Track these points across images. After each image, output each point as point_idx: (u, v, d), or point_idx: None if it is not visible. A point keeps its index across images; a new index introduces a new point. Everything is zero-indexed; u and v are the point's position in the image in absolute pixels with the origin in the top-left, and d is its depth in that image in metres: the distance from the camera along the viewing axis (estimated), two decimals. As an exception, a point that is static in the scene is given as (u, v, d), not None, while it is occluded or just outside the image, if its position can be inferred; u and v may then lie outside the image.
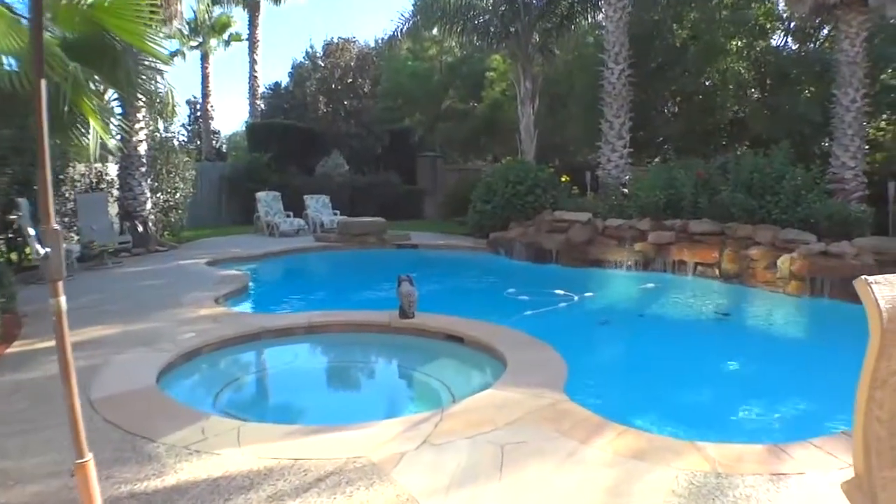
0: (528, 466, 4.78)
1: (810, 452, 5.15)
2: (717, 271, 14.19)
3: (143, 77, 9.62)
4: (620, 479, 4.62)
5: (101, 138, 8.30)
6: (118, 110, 17.45)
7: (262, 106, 35.88)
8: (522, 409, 5.83)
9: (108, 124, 8.94)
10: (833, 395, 7.64)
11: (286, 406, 7.33)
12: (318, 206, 23.14)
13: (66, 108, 7.71)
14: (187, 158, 20.97)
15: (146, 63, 9.13)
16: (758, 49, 20.66)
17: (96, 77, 8.56)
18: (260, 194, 22.31)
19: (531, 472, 4.70)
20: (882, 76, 17.43)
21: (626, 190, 18.27)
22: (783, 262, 12.93)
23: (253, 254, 17.00)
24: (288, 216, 22.10)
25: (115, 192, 18.33)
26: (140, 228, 17.76)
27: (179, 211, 20.32)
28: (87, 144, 8.32)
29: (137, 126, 17.70)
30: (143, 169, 18.24)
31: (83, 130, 8.49)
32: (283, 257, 17.25)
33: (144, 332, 8.68)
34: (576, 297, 12.24)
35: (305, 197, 23.07)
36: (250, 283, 13.04)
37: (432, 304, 9.79)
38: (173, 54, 34.89)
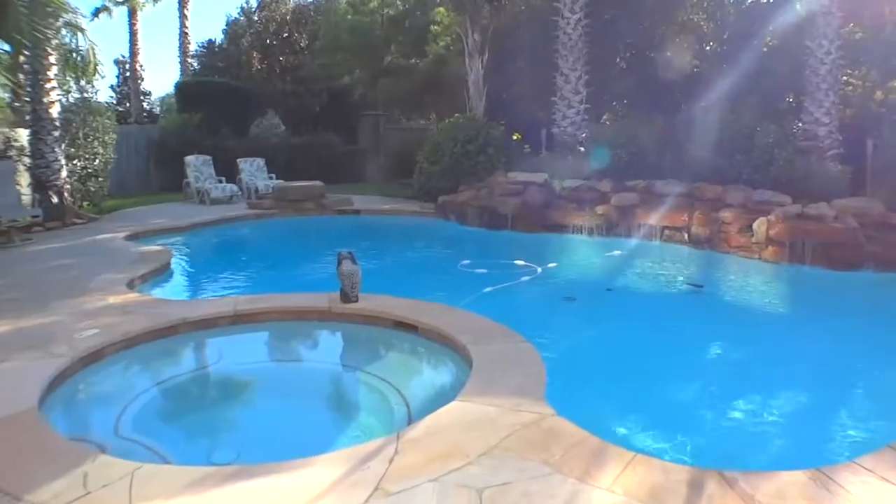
0: (517, 525, 3.57)
1: (863, 480, 4.10)
2: (686, 236, 13.18)
3: (51, 31, 7.98)
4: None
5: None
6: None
7: (196, 65, 33.98)
8: (500, 431, 4.61)
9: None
10: (846, 382, 6.71)
11: (201, 428, 5.89)
12: (253, 171, 21.50)
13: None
14: (108, 121, 19.07)
15: (59, 16, 7.49)
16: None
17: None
18: (189, 158, 20.56)
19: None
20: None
21: (583, 148, 17.11)
22: (759, 225, 11.94)
23: (179, 225, 15.39)
24: (220, 182, 20.43)
25: (27, 161, 16.46)
26: (55, 200, 15.95)
27: (100, 179, 18.50)
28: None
29: (48, 86, 15.84)
30: (57, 133, 16.36)
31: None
32: (212, 228, 15.67)
33: (37, 330, 7.17)
34: (539, 269, 11.05)
35: (239, 161, 21.41)
36: (172, 261, 11.52)
37: (378, 282, 8.57)
38: (98, 10, 32.83)
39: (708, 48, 20.29)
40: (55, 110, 16.24)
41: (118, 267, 10.49)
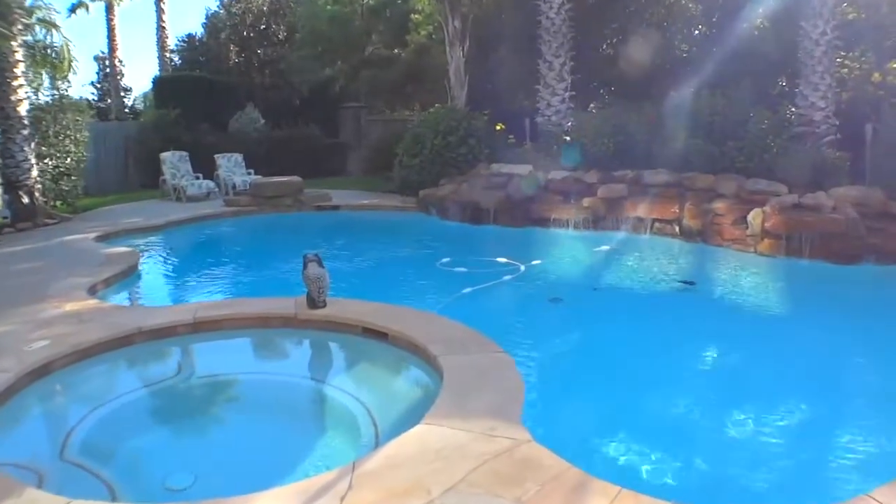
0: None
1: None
2: (676, 228, 12.60)
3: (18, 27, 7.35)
4: None
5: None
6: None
7: (177, 60, 33.24)
8: (468, 461, 4.02)
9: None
10: (857, 394, 6.14)
11: (154, 450, 5.23)
12: (231, 166, 20.76)
13: None
14: (78, 118, 18.36)
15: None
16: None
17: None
18: (165, 155, 19.87)
19: None
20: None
21: (568, 138, 16.50)
22: (755, 217, 11.36)
23: (153, 224, 14.74)
24: (197, 178, 19.73)
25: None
26: (25, 200, 15.26)
27: (73, 178, 17.79)
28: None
29: (16, 83, 15.19)
30: (26, 132, 15.68)
31: None
32: (185, 227, 14.98)
33: (-12, 341, 6.57)
34: (522, 267, 10.40)
35: (216, 156, 20.69)
36: (140, 263, 10.86)
37: (353, 283, 8.00)
38: (75, 6, 31.99)
39: (696, 32, 19.71)
40: (24, 108, 15.59)
41: (82, 270, 9.89)
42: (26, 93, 15.92)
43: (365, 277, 10.23)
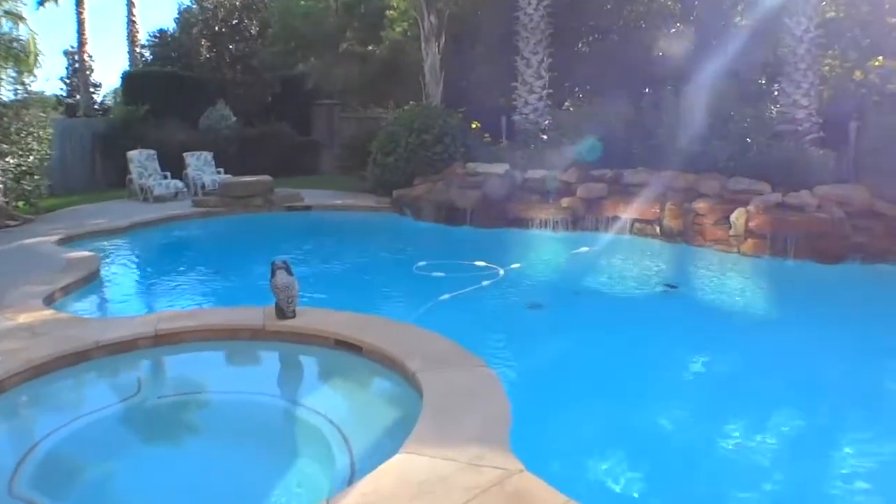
0: None
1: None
2: (657, 229, 12.35)
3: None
4: None
5: None
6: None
7: (148, 55, 32.56)
8: (454, 497, 3.66)
9: None
10: (848, 397, 5.89)
11: (109, 481, 4.78)
12: (200, 165, 20.17)
13: None
14: (42, 115, 17.72)
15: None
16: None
17: None
18: (132, 153, 19.26)
19: None
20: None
21: (545, 136, 16.19)
22: (738, 217, 11.13)
23: (117, 226, 14.12)
24: (165, 177, 19.15)
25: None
26: (-16, 201, 14.68)
27: (36, 177, 17.14)
28: None
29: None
30: (-16, 130, 15.09)
31: None
32: (151, 229, 14.37)
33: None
34: (501, 271, 10.02)
35: (185, 154, 20.11)
36: (101, 269, 10.33)
37: (325, 288, 7.61)
38: (43, -1, 31.24)
39: (674, 30, 19.48)
40: (-20, 105, 14.99)
41: (40, 277, 9.31)
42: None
43: (337, 283, 9.82)
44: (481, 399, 4.89)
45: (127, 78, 27.16)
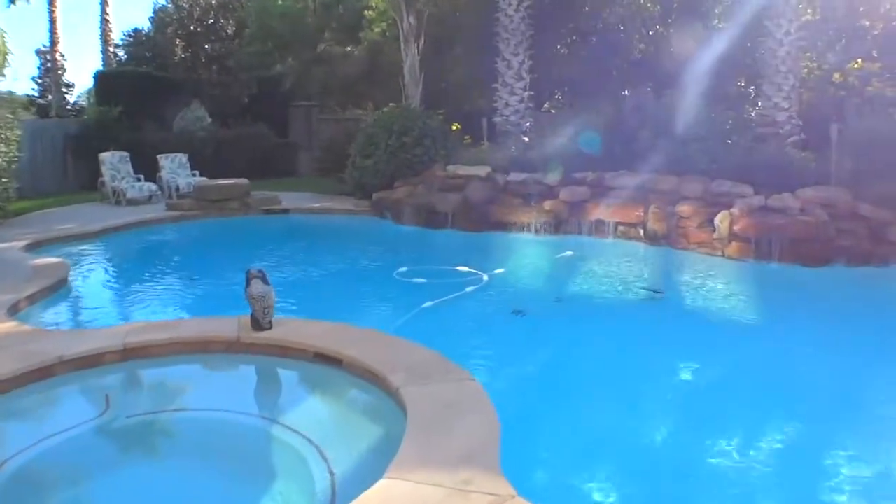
0: None
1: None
2: (641, 232, 12.24)
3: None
4: None
5: None
6: None
7: (123, 55, 32.04)
8: (441, 527, 3.44)
9: None
10: (840, 405, 5.76)
11: None
12: (174, 167, 19.83)
13: None
14: (10, 115, 17.30)
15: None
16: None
17: None
18: (104, 155, 18.87)
19: None
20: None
21: (526, 138, 16.04)
22: (722, 220, 11.03)
23: (87, 231, 13.73)
24: (138, 180, 18.78)
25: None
26: (-51, 206, 14.28)
27: (3, 179, 16.71)
28: None
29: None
30: (-52, 132, 14.67)
31: None
32: (123, 233, 13.99)
33: None
34: (484, 277, 9.82)
35: (159, 157, 19.76)
36: (70, 277, 9.97)
37: (303, 296, 7.37)
38: (14, -3, 30.69)
39: (652, 32, 19.40)
40: (-57, 106, 14.57)
41: (4, 285, 8.92)
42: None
43: (316, 290, 9.58)
44: (468, 415, 4.69)
45: (99, 78, 26.67)
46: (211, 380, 6.61)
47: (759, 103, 13.51)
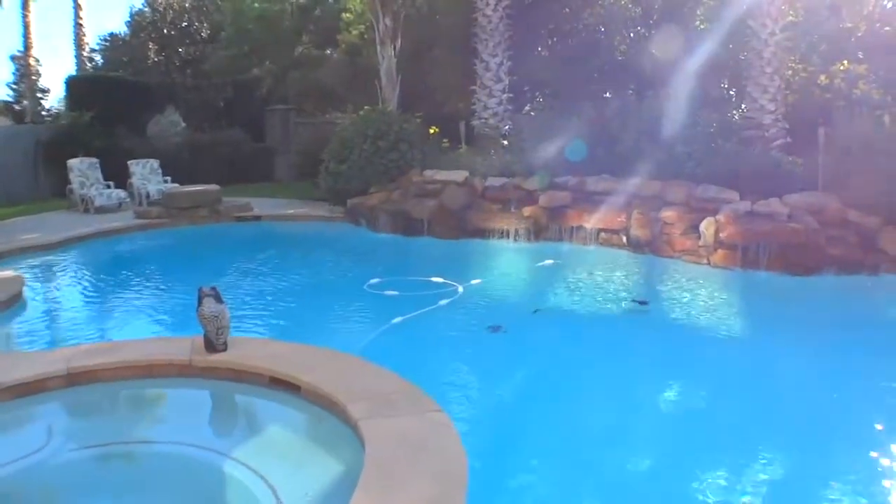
0: None
1: None
2: (624, 239, 11.85)
3: None
4: None
5: None
6: None
7: (99, 60, 31.76)
8: None
9: None
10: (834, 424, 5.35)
11: None
12: (146, 173, 19.22)
13: None
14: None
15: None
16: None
17: None
18: (72, 162, 18.31)
19: None
20: None
21: (506, 142, 15.61)
22: (707, 226, 10.64)
23: (49, 241, 13.08)
24: (108, 187, 18.21)
25: None
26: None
27: (-29, 187, 16.20)
28: None
29: None
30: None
31: None
32: (88, 243, 13.37)
33: None
34: (460, 289, 9.34)
35: (130, 163, 19.14)
36: (24, 292, 9.40)
37: (265, 312, 6.99)
38: (-13, 1, 30.04)
39: (632, 34, 19.03)
40: None
41: (-48, 301, 8.45)
42: None
43: (280, 305, 9.00)
44: (433, 455, 4.22)
45: (71, 83, 26.00)
46: (161, 408, 6.07)
47: (744, 105, 13.12)
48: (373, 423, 4.57)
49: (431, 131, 17.03)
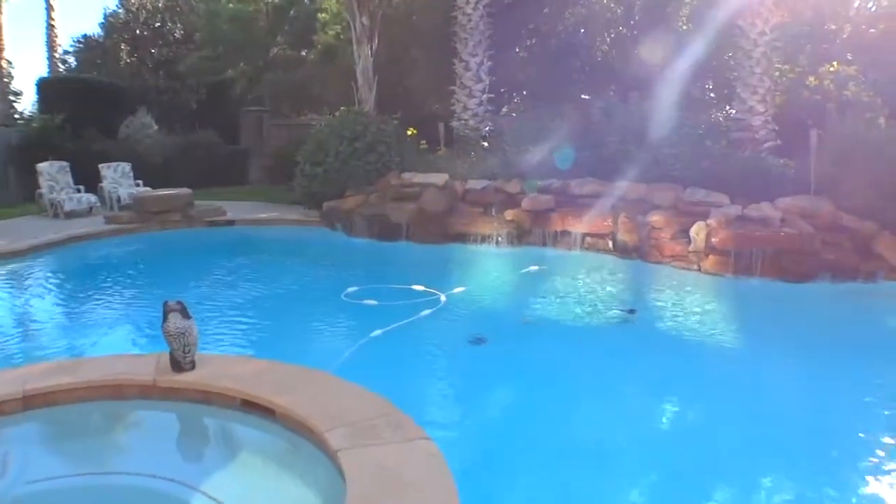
0: None
1: None
2: (610, 244, 11.49)
3: None
4: None
5: None
6: None
7: (73, 62, 31.03)
8: None
9: None
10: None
11: None
12: (117, 177, 18.63)
13: None
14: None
15: None
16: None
17: None
18: (41, 166, 17.62)
19: None
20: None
21: (486, 143, 15.22)
22: (698, 231, 10.29)
23: (14, 249, 12.43)
24: (78, 191, 17.60)
25: None
26: None
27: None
28: None
29: None
30: None
31: None
32: (55, 250, 12.79)
33: None
34: (442, 298, 8.89)
35: (101, 166, 18.55)
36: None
37: (236, 325, 6.85)
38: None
39: (614, 34, 18.73)
40: None
41: None
42: None
43: (252, 316, 8.47)
44: (419, 487, 3.81)
45: (41, 85, 25.31)
46: (122, 434, 5.57)
47: (733, 107, 12.82)
48: (354, 454, 4.14)
49: (410, 133, 16.63)
